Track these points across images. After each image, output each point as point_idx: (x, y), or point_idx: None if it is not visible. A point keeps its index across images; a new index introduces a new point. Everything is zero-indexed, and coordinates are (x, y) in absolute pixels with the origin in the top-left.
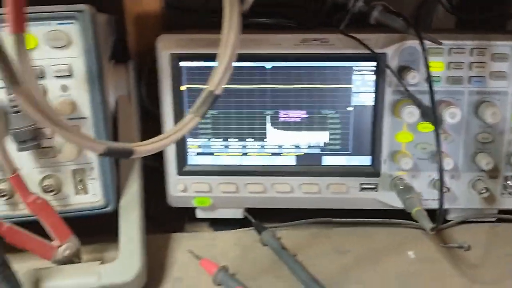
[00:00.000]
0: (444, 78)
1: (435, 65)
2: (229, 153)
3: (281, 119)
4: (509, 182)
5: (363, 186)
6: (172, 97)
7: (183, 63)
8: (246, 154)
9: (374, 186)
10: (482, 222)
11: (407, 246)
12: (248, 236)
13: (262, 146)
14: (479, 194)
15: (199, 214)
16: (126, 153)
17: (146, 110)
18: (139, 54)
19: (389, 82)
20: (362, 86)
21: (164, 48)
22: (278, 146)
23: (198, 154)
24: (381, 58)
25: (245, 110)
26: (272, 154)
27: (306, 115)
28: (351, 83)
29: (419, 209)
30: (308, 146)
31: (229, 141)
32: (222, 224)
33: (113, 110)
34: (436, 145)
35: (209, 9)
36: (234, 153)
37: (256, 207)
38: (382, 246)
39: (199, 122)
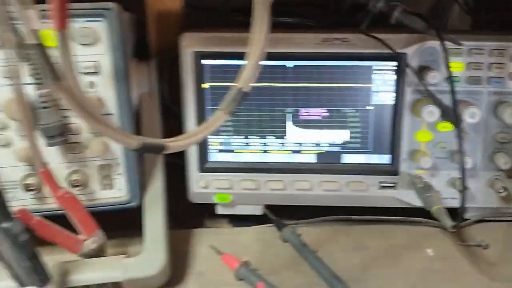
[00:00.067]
0: (463, 78)
1: (455, 65)
2: (249, 150)
3: (301, 117)
4: None
5: (382, 184)
6: (194, 94)
7: (205, 61)
8: (267, 151)
9: (393, 184)
10: (499, 221)
11: (426, 244)
12: (268, 232)
13: (283, 144)
14: (497, 193)
15: (219, 210)
16: (158, 148)
17: (166, 107)
18: (160, 52)
19: (409, 82)
20: (382, 86)
21: (187, 46)
22: (298, 144)
23: (219, 151)
24: (401, 58)
25: (266, 108)
26: (292, 151)
27: (327, 114)
28: (371, 83)
29: (440, 207)
30: (328, 144)
31: (250, 138)
32: (240, 220)
33: (135, 107)
34: (458, 144)
35: (228, 8)
36: (254, 150)
37: (275, 204)
38: (401, 244)
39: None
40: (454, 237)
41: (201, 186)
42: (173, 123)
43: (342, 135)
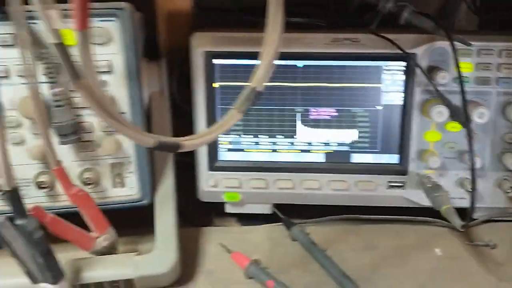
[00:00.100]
0: (472, 79)
1: (464, 66)
2: (259, 149)
3: (311, 117)
4: None
5: (391, 184)
6: (204, 94)
7: (216, 61)
8: (276, 150)
9: (401, 184)
10: (507, 221)
11: (434, 244)
12: (277, 231)
13: (292, 143)
14: (505, 193)
15: (228, 209)
16: (174, 147)
17: (176, 106)
18: (170, 52)
19: (418, 82)
20: (392, 86)
21: (198, 45)
22: (307, 143)
23: (229, 150)
24: (411, 58)
25: (275, 107)
26: (301, 151)
27: (336, 113)
28: (381, 82)
29: (449, 207)
30: (337, 143)
31: (259, 137)
32: (249, 219)
33: (145, 106)
34: (467, 145)
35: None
36: (264, 149)
37: (283, 203)
38: (409, 243)
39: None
40: (462, 237)
41: (210, 184)
42: (182, 122)
43: (351, 135)
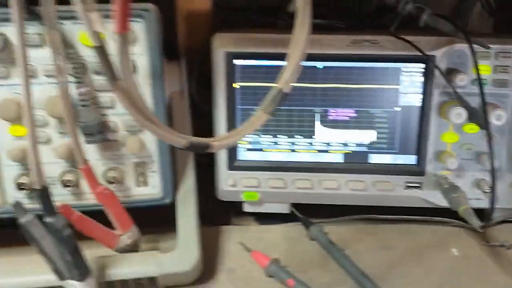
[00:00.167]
0: (490, 81)
1: (482, 68)
2: (278, 149)
3: (329, 117)
4: None
5: (408, 184)
6: (225, 94)
7: (237, 61)
8: (294, 150)
9: (418, 185)
10: None
11: (450, 244)
12: (295, 230)
13: (311, 143)
14: None
15: (247, 208)
16: (204, 147)
17: (195, 106)
18: (189, 52)
19: (436, 84)
20: (410, 87)
21: (219, 46)
22: (326, 143)
23: (248, 150)
24: (430, 60)
25: (295, 107)
26: (319, 151)
27: (355, 114)
28: (399, 84)
29: (467, 207)
30: (355, 144)
31: (278, 137)
32: (266, 218)
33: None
34: (487, 146)
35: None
36: (283, 149)
37: (301, 203)
38: (426, 243)
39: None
40: (478, 237)
41: (229, 184)
42: (201, 122)
43: (369, 136)
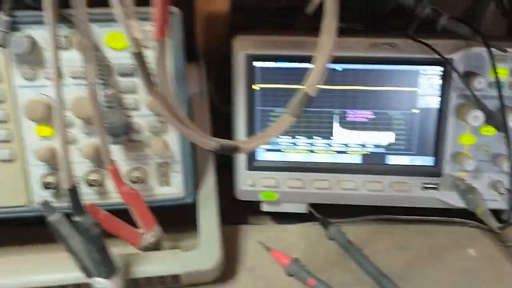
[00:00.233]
0: (507, 84)
1: (499, 71)
2: (296, 150)
3: (348, 119)
4: None
5: (425, 185)
6: (245, 95)
7: (257, 63)
8: (313, 151)
9: (435, 186)
10: None
11: (467, 244)
12: (313, 230)
13: (329, 144)
14: None
15: (265, 208)
16: (233, 149)
17: (213, 108)
18: (207, 53)
19: (454, 87)
20: (428, 90)
21: (239, 48)
22: (344, 144)
23: (267, 150)
24: (448, 63)
25: (313, 109)
26: (338, 152)
27: (373, 116)
28: (418, 86)
29: (485, 209)
30: (373, 145)
31: (297, 138)
32: (283, 217)
33: None
34: (507, 148)
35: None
36: (301, 150)
37: (319, 203)
38: (443, 244)
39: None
40: (494, 238)
41: (248, 184)
42: (220, 123)
43: (387, 137)
